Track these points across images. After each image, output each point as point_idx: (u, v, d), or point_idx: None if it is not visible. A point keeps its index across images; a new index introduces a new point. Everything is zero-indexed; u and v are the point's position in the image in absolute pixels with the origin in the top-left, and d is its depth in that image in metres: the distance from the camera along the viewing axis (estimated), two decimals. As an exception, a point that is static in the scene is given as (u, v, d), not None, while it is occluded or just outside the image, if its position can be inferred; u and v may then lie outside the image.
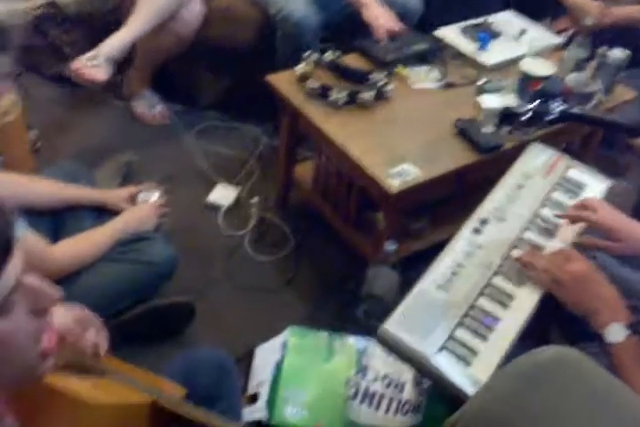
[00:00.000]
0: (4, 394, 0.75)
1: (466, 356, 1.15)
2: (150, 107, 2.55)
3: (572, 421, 0.81)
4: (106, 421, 0.95)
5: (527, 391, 0.84)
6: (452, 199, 2.03)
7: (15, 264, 0.62)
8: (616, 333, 1.16)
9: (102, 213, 1.76)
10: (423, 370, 1.15)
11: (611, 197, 1.57)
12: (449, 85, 2.01)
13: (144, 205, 1.78)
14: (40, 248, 1.42)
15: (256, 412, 1.45)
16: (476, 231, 1.40)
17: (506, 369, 0.91)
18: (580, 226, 1.43)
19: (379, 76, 1.92)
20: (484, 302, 1.26)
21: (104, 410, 0.94)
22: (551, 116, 1.54)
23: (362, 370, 1.51)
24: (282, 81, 1.93)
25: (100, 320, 1.18)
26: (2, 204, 0.62)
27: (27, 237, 1.37)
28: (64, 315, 1.09)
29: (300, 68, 1.90)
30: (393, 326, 1.17)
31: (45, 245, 1.45)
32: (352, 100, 1.85)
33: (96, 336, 1.16)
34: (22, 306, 0.63)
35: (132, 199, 1.81)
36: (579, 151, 2.25)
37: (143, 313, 1.68)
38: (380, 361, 1.51)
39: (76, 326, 1.10)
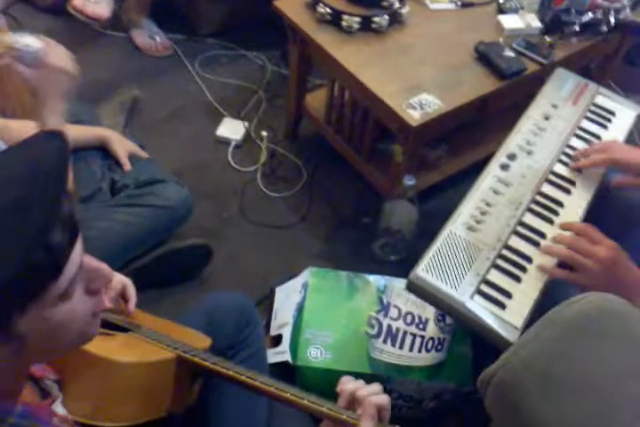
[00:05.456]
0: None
1: (500, 299, 1.11)
2: (150, 37, 2.43)
3: (618, 375, 0.78)
4: (134, 377, 0.97)
5: (574, 344, 0.80)
6: (469, 126, 1.95)
7: (78, 247, 0.60)
8: None
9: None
10: (458, 315, 1.11)
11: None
12: (466, 5, 1.89)
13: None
14: None
15: (280, 354, 1.44)
16: (504, 167, 1.32)
17: (549, 318, 0.86)
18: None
19: (392, -2, 1.79)
20: (516, 242, 1.21)
21: (132, 368, 0.96)
22: (605, 27, 1.44)
23: (384, 308, 1.48)
24: (290, 6, 1.80)
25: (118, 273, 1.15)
26: (70, 188, 0.60)
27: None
28: None
29: (309, -10, 1.78)
30: (424, 271, 1.12)
31: None
32: (366, 25, 1.74)
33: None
34: (81, 286, 0.62)
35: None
36: (598, 71, 2.15)
37: (160, 257, 1.64)
38: (402, 299, 1.48)
39: None
